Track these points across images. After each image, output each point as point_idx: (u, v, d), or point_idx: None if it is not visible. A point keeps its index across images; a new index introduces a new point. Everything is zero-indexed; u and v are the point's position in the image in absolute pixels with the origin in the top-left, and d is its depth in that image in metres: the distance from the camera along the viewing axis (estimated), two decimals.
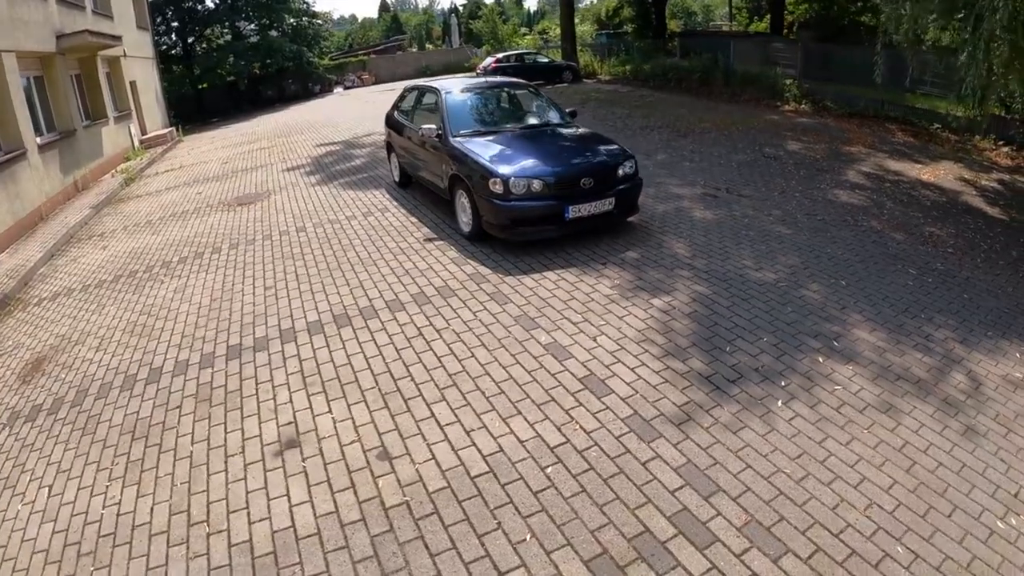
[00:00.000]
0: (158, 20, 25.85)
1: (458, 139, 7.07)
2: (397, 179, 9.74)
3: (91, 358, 5.51)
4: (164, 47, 27.10)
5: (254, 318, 5.76)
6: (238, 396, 4.52)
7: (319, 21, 31.71)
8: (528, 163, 6.31)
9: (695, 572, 2.79)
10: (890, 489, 3.33)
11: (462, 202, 6.86)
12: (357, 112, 20.74)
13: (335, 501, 3.39)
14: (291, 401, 4.39)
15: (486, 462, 3.54)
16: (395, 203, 8.95)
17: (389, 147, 9.91)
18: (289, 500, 3.44)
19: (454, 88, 8.08)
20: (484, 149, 6.65)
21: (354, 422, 4.05)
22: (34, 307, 7.13)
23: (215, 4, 30.04)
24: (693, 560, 2.85)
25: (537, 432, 3.76)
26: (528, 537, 3.01)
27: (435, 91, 8.09)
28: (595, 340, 4.76)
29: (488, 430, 3.82)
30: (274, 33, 29.94)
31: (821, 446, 3.63)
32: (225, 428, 4.17)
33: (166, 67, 25.99)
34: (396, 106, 9.58)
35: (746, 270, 6.03)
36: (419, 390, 4.32)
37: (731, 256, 6.38)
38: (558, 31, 37.48)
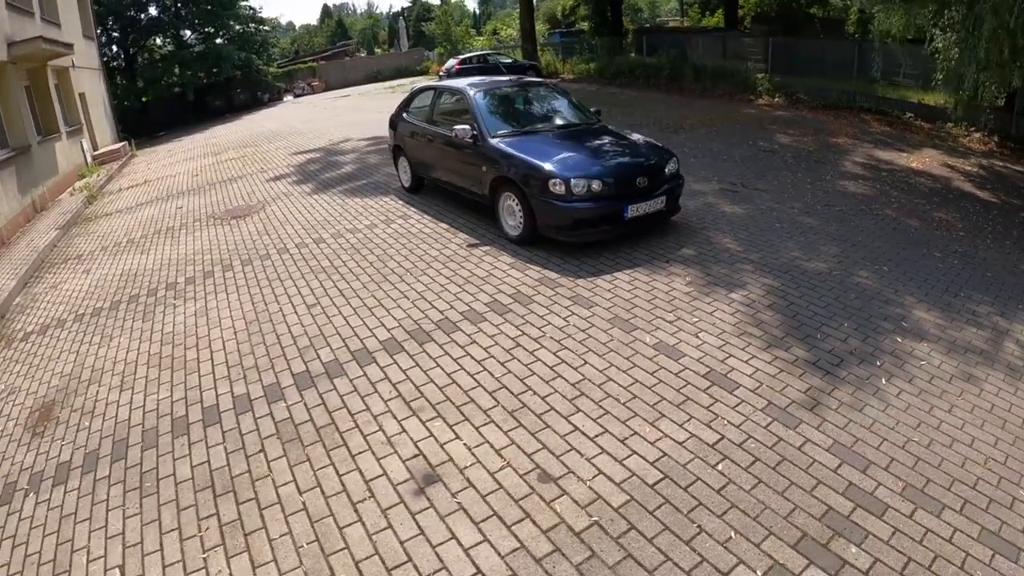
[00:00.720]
0: (98, 31, 23.96)
1: (498, 140, 6.63)
2: (407, 184, 9.01)
3: (116, 400, 4.60)
4: (106, 59, 25.13)
5: (310, 340, 4.97)
6: (334, 431, 3.80)
7: (266, 27, 30.18)
8: (583, 163, 6.04)
9: (882, 537, 2.94)
10: (996, 445, 3.70)
11: (508, 205, 6.46)
12: (320, 119, 19.66)
13: (516, 535, 2.94)
14: (404, 431, 3.73)
15: (657, 469, 3.34)
16: (414, 209, 8.23)
17: (396, 151, 9.15)
18: (460, 544, 2.90)
19: (480, 88, 7.57)
20: (531, 150, 6.31)
21: (492, 446, 3.55)
22: (20, 343, 6.05)
23: (158, 12, 28.11)
24: (878, 527, 2.99)
25: (690, 432, 3.63)
26: (733, 534, 2.92)
27: (461, 92, 7.57)
28: (697, 336, 4.63)
29: (641, 436, 3.59)
30: (220, 41, 28.30)
31: (931, 415, 3.90)
32: (336, 471, 3.46)
33: (109, 79, 24.14)
34: (404, 109, 8.87)
35: (798, 261, 6.07)
36: (547, 403, 3.90)
37: (779, 249, 6.38)
38: (508, 31, 37.13)
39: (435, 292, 5.62)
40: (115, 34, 27.49)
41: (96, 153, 16.42)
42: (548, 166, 5.91)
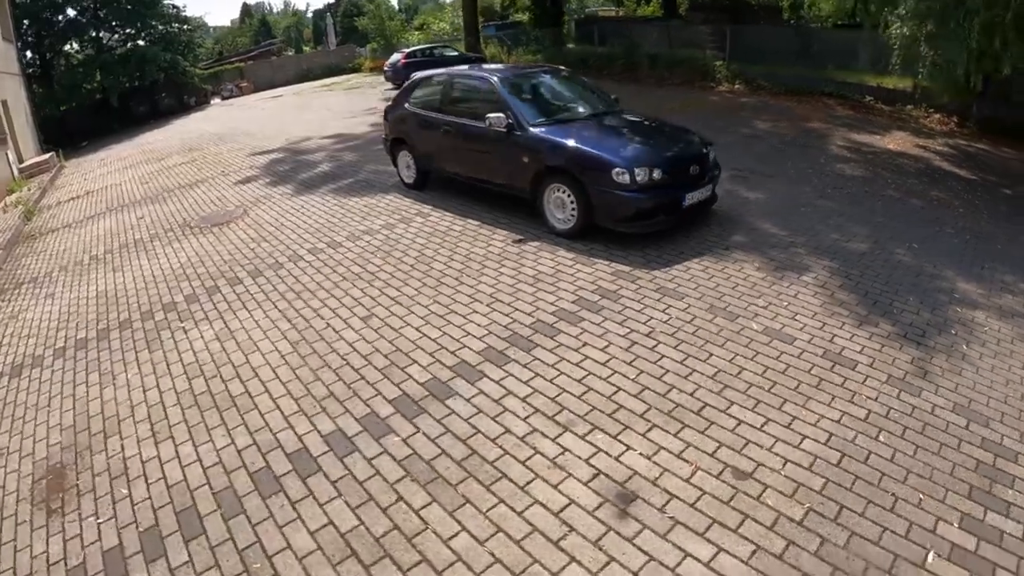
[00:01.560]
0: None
1: (539, 130, 6.13)
2: (410, 180, 8.13)
3: (156, 455, 3.60)
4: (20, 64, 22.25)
5: (388, 358, 4.14)
6: (481, 462, 3.15)
7: (190, 27, 27.72)
8: (641, 152, 5.75)
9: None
10: None
11: (557, 197, 5.96)
12: (263, 120, 18.06)
13: (746, 538, 2.73)
14: (566, 450, 3.20)
15: (833, 448, 3.28)
16: (428, 206, 7.43)
17: (395, 145, 8.23)
18: (697, 559, 2.62)
19: (503, 75, 6.97)
20: (582, 139, 5.90)
21: (669, 451, 3.24)
22: None
23: (76, 14, 25.19)
24: (1018, 471, 3.19)
25: (840, 410, 3.59)
26: (921, 496, 2.98)
27: (484, 79, 6.93)
28: (796, 319, 4.56)
29: (802, 420, 3.49)
30: (142, 43, 25.74)
31: (1011, 373, 4.12)
32: (512, 508, 2.85)
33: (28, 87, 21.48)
34: (404, 99, 7.98)
35: (840, 243, 6.10)
36: (698, 399, 3.66)
37: (817, 232, 6.36)
38: (440, 25, 35.93)
39: (507, 293, 4.93)
40: (30, 39, 24.44)
41: (23, 166, 14.36)
42: (610, 155, 5.55)
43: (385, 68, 22.39)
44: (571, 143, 5.80)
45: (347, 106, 18.52)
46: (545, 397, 3.61)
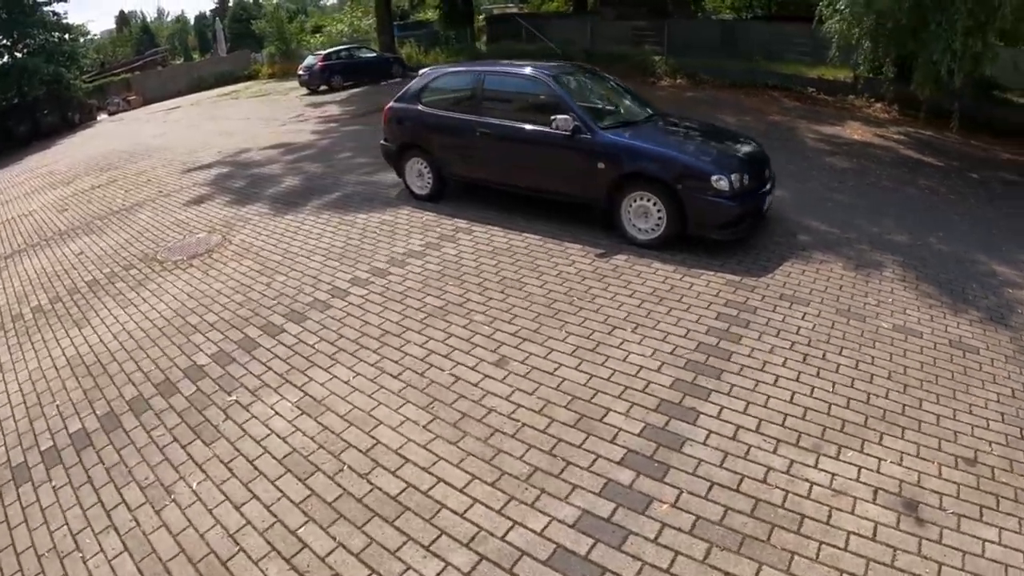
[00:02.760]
0: None
1: (611, 133, 5.57)
2: (424, 191, 6.99)
3: None
4: None
5: (574, 412, 3.38)
6: (772, 508, 2.76)
7: (72, 36, 23.60)
8: (727, 157, 5.44)
9: None
10: None
11: (641, 206, 5.41)
12: (173, 134, 15.53)
13: (1012, 514, 2.78)
14: (834, 474, 2.99)
15: (1013, 425, 3.40)
16: (462, 220, 6.39)
17: (403, 151, 7.03)
18: (992, 541, 2.63)
19: (552, 72, 6.17)
20: (662, 144, 5.56)
21: (908, 454, 3.14)
22: None
23: None
24: None
25: (1000, 392, 3.70)
26: None
27: (534, 76, 6.11)
28: (907, 313, 4.61)
29: (977, 405, 3.58)
30: (20, 55, 21.64)
31: None
32: (836, 547, 2.50)
33: None
34: (416, 98, 6.84)
35: (883, 236, 6.16)
36: (895, 401, 3.56)
37: (857, 226, 6.35)
38: (338, 27, 33.65)
39: (641, 316, 4.33)
40: None
41: None
42: (706, 162, 5.22)
43: (300, 72, 20.34)
44: (658, 149, 5.39)
45: (267, 114, 16.51)
46: (774, 424, 3.29)
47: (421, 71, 7.13)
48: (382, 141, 7.34)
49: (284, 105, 18.05)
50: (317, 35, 29.71)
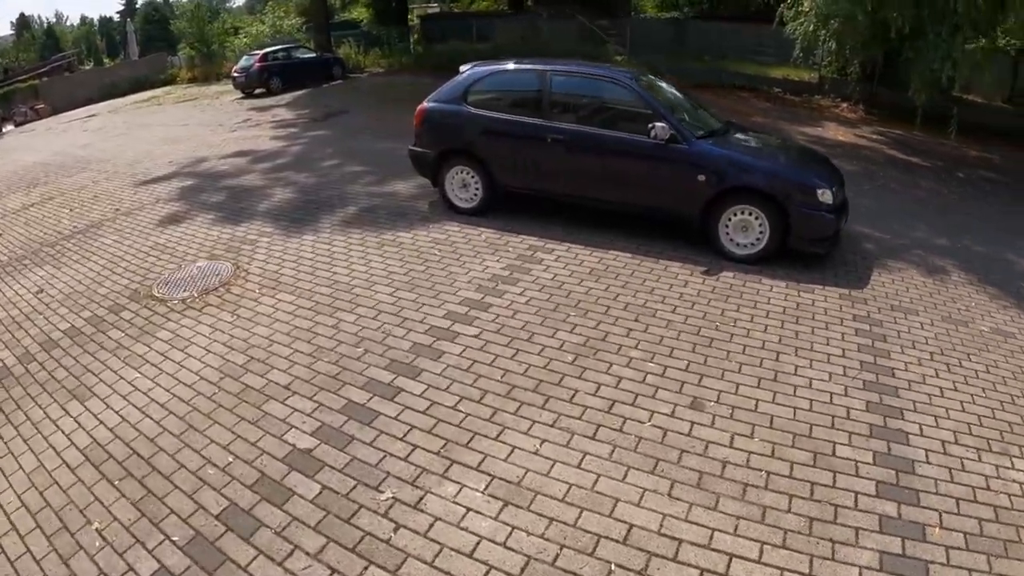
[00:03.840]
0: None
1: (707, 144, 5.15)
2: (470, 204, 6.01)
3: None
4: None
5: (810, 456, 2.84)
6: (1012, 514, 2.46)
7: None
8: (822, 171, 5.29)
9: None
10: None
11: (741, 220, 5.01)
12: (103, 145, 13.03)
13: None
14: None
15: None
16: (527, 237, 5.52)
17: (445, 159, 5.97)
18: None
19: (631, 74, 5.62)
20: (761, 156, 5.36)
21: None
22: None
23: None
24: None
25: None
26: None
27: (613, 80, 5.47)
28: (992, 316, 4.66)
29: None
30: None
31: None
32: None
33: None
34: (461, 100, 5.85)
35: (928, 240, 6.20)
36: None
37: (901, 231, 6.37)
38: (258, 27, 30.96)
39: (789, 337, 4.07)
40: None
41: None
42: (810, 175, 5.02)
43: (234, 74, 18.21)
44: (764, 162, 5.16)
45: (207, 120, 14.48)
46: (964, 434, 3.22)
47: (462, 68, 6.04)
48: (413, 147, 6.19)
49: (222, 110, 16.00)
50: (239, 36, 26.96)
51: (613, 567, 2.32)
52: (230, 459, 3.00)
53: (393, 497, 2.70)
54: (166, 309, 4.65)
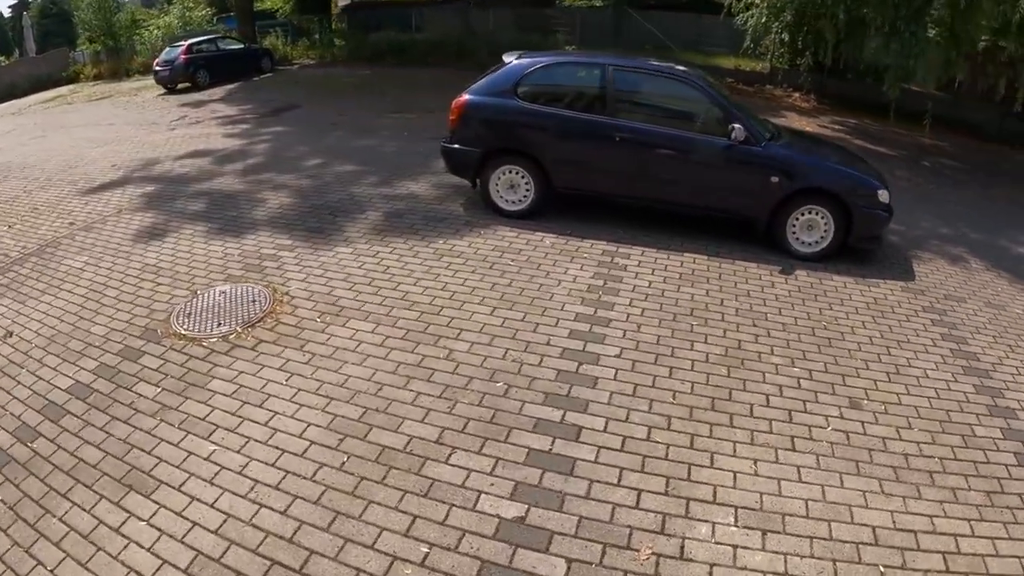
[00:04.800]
0: None
1: (779, 146, 4.87)
2: (517, 207, 5.22)
3: None
4: None
5: None
6: None
7: None
8: (873, 172, 5.21)
9: None
10: None
11: (809, 219, 4.79)
12: (17, 149, 10.96)
13: None
14: None
15: None
16: (596, 241, 4.88)
17: (491, 157, 5.09)
18: None
19: (694, 71, 5.23)
20: (823, 157, 5.16)
21: None
22: None
23: None
24: None
25: None
26: None
27: (680, 78, 4.95)
28: (1016, 299, 4.76)
29: None
30: None
31: None
32: None
33: None
34: (513, 93, 5.01)
35: (935, 230, 6.23)
36: None
37: (911, 222, 6.26)
38: (164, 19, 27.26)
39: (895, 335, 3.91)
40: None
41: None
42: (870, 176, 4.94)
43: (157, 68, 15.69)
44: (831, 164, 5.00)
45: (135, 119, 12.23)
46: None
47: (506, 57, 5.14)
48: (449, 144, 5.24)
49: (148, 107, 13.71)
50: (148, 29, 23.41)
51: (882, 569, 2.26)
52: (425, 549, 2.11)
53: (653, 552, 2.11)
54: (205, 351, 3.50)
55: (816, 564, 2.27)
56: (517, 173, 4.99)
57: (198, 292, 4.21)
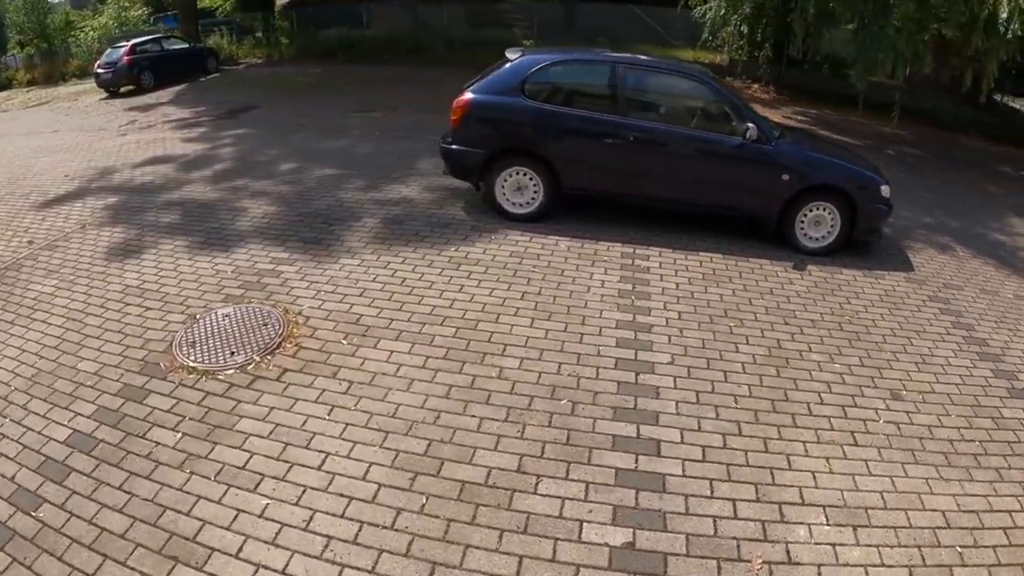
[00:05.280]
0: None
1: (787, 144, 4.76)
2: (526, 210, 4.92)
3: None
4: None
5: None
6: None
7: None
8: (872, 167, 5.16)
9: None
10: None
11: (817, 215, 4.73)
12: None
13: None
14: None
15: None
16: (610, 243, 4.69)
17: (497, 158, 4.76)
18: None
19: (710, 73, 5.07)
20: (830, 155, 5.05)
21: None
22: None
23: None
24: None
25: None
26: None
27: (690, 76, 4.84)
28: (1004, 283, 4.87)
29: None
30: None
31: None
32: None
33: None
34: (520, 91, 4.69)
35: (919, 219, 6.30)
36: None
37: (906, 216, 6.22)
38: (100, 20, 24.92)
39: (914, 326, 3.94)
40: None
41: None
42: (872, 172, 4.89)
43: (98, 70, 14.15)
44: (837, 161, 4.90)
45: (79, 124, 10.93)
46: None
47: (510, 54, 4.80)
48: (450, 145, 4.87)
49: (92, 112, 12.37)
50: (83, 30, 21.11)
51: (959, 549, 2.31)
52: None
53: (764, 561, 2.06)
54: (222, 385, 3.06)
55: (906, 552, 2.29)
56: (525, 174, 4.70)
57: (197, 316, 3.70)
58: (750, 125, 4.39)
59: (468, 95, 4.69)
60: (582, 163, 4.63)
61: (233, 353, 3.28)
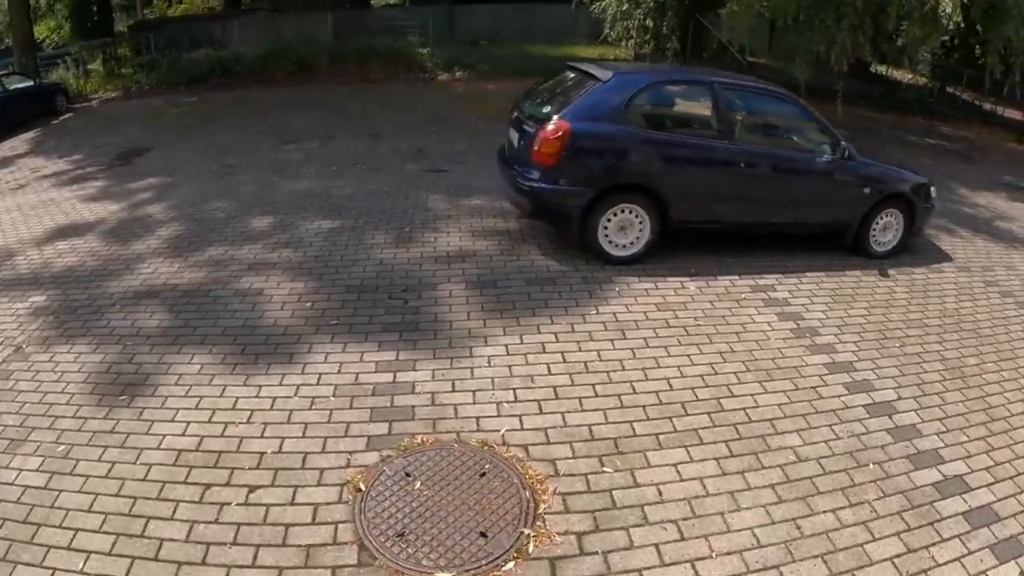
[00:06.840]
0: None
1: (864, 159, 4.37)
2: (631, 251, 4.01)
3: None
4: None
5: None
6: None
7: None
8: (915, 171, 4.98)
9: None
10: None
11: (887, 222, 4.52)
12: None
13: None
14: None
15: None
16: (733, 279, 4.03)
17: (603, 197, 3.76)
18: None
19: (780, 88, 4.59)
20: (891, 165, 4.78)
21: None
22: None
23: None
24: None
25: None
26: None
27: (781, 95, 4.33)
28: (1003, 257, 4.86)
29: None
30: None
31: None
32: None
33: None
34: (622, 117, 3.78)
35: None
36: None
37: None
38: None
39: (997, 323, 3.74)
40: None
41: None
42: (923, 176, 4.71)
43: None
44: (899, 169, 4.70)
45: None
46: None
47: (598, 73, 3.79)
48: (538, 184, 3.75)
49: None
50: None
51: None
52: None
53: None
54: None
55: None
56: (631, 212, 3.80)
57: (364, 488, 2.25)
58: (843, 143, 4.10)
59: (567, 123, 3.62)
60: (694, 195, 3.91)
61: (483, 535, 1.99)
